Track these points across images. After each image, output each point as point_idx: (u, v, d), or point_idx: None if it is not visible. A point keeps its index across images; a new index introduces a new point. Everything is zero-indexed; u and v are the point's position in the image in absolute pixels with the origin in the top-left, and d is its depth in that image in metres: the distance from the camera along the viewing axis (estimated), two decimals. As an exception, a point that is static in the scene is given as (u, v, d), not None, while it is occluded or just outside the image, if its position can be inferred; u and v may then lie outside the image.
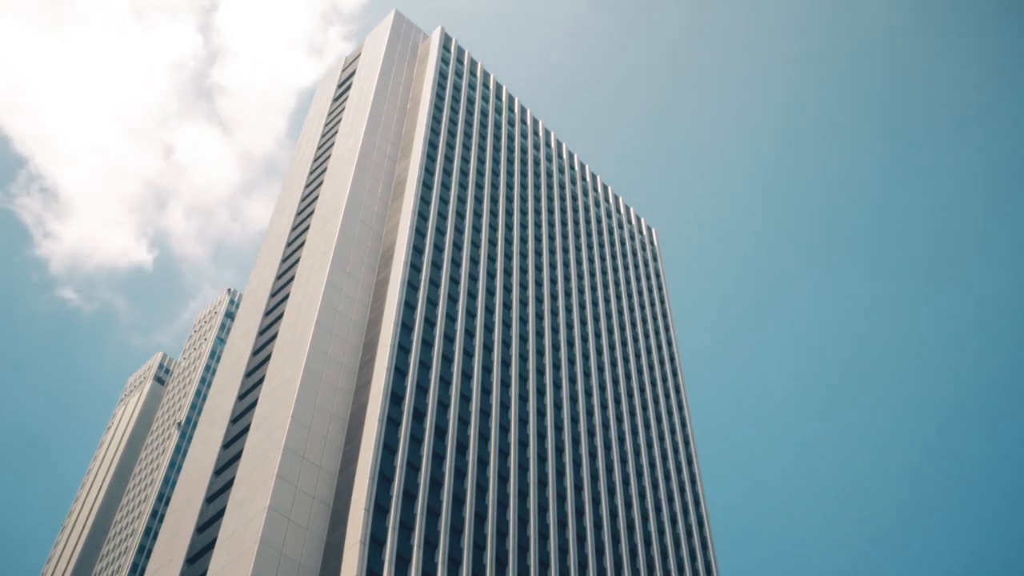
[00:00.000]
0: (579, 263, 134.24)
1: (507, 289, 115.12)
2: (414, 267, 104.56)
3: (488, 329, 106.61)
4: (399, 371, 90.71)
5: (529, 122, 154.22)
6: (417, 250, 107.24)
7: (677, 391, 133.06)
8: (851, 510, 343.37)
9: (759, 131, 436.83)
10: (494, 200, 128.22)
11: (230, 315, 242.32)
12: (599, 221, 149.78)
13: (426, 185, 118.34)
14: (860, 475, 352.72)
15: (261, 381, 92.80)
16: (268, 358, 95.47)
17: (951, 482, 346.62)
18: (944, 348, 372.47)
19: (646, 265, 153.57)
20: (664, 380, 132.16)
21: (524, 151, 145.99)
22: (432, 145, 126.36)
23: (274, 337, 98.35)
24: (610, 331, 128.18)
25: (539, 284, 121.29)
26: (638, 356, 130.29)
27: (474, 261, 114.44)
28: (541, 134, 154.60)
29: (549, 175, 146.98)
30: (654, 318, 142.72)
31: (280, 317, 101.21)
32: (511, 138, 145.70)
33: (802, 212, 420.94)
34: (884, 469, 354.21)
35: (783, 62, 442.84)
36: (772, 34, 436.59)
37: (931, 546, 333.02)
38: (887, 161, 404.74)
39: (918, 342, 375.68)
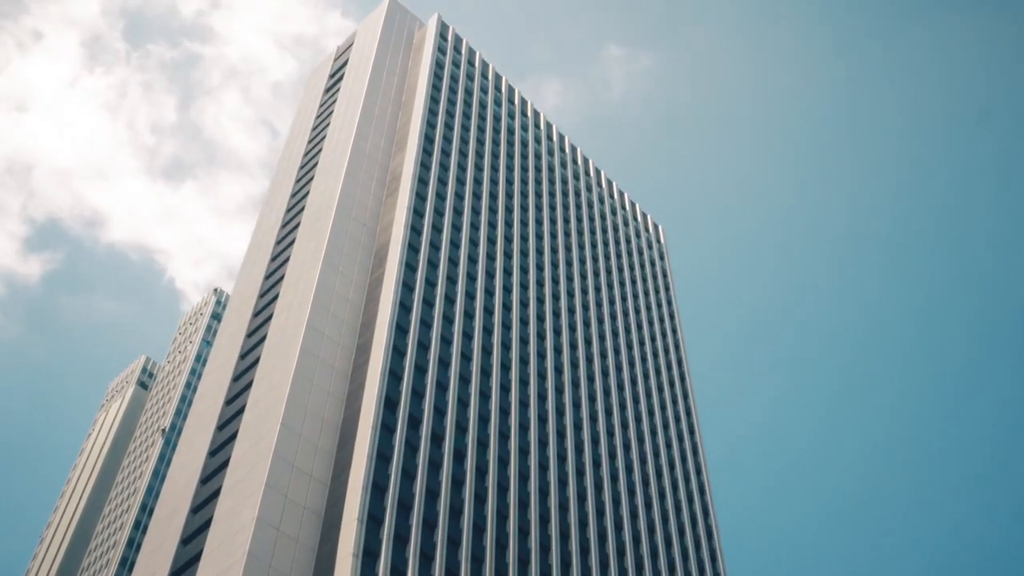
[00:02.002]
0: (582, 261, 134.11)
1: (507, 289, 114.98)
2: (409, 266, 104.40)
3: (487, 331, 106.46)
4: (394, 375, 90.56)
5: (530, 114, 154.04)
6: (413, 248, 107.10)
7: (685, 396, 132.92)
8: (860, 514, 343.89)
9: (769, 124, 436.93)
10: (493, 196, 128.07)
11: (216, 316, 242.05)
12: (603, 218, 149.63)
13: (422, 180, 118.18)
14: (868, 478, 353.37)
15: (249, 386, 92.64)
16: (256, 362, 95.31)
17: (959, 485, 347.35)
18: (956, 349, 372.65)
19: (652, 264, 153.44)
20: (671, 384, 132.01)
21: (525, 144, 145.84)
22: (428, 138, 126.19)
23: (263, 339, 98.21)
24: (615, 333, 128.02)
25: (540, 284, 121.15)
26: (644, 359, 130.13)
27: (472, 260, 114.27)
28: (543, 127, 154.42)
29: (551, 170, 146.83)
30: (661, 319, 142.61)
31: (269, 319, 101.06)
32: (511, 131, 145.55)
33: (813, 209, 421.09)
34: (892, 472, 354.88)
35: (795, 52, 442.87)
36: (782, 24, 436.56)
37: (938, 548, 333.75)
38: (906, 156, 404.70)
39: (930, 341, 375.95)
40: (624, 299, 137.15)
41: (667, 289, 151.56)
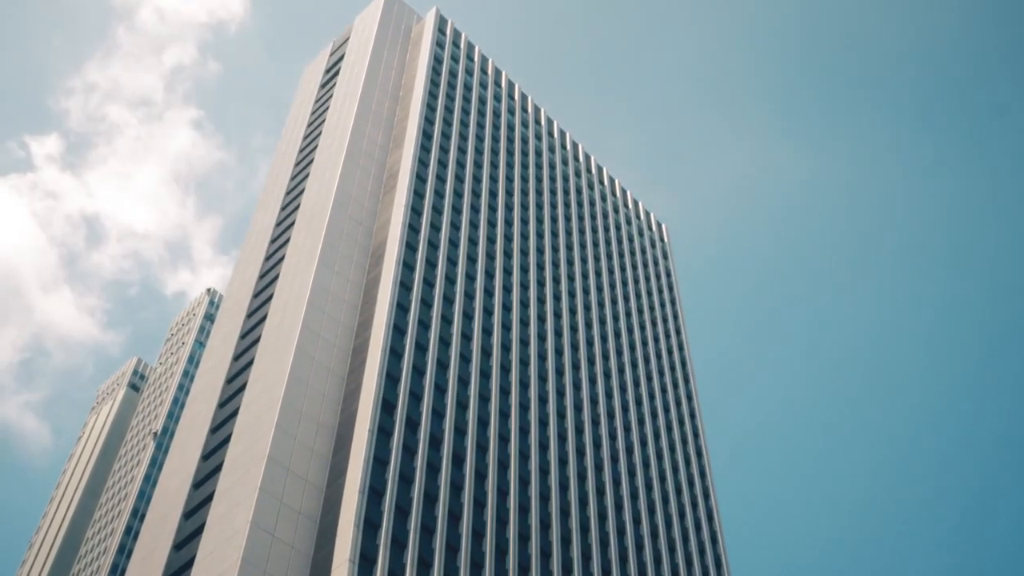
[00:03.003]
0: (584, 261, 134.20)
1: (507, 289, 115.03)
2: (407, 265, 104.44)
3: (486, 332, 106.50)
4: (391, 377, 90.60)
5: (531, 110, 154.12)
6: (410, 247, 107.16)
7: (689, 398, 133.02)
8: (866, 518, 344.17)
9: (775, 120, 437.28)
10: (492, 194, 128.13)
11: (210, 317, 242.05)
12: (605, 216, 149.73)
13: (420, 178, 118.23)
14: (874, 481, 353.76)
15: (243, 388, 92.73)
16: (250, 363, 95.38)
17: (971, 483, 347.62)
18: (966, 348, 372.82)
19: (655, 263, 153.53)
20: (675, 386, 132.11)
21: (525, 141, 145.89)
22: (426, 135, 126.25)
23: (257, 341, 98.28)
24: (617, 334, 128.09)
25: (541, 284, 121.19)
26: (647, 360, 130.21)
27: (471, 259, 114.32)
28: (543, 123, 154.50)
29: (552, 167, 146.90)
30: (664, 320, 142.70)
31: (263, 319, 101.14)
32: (511, 127, 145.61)
33: (821, 206, 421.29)
34: (898, 475, 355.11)
35: (802, 47, 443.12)
36: (791, 21, 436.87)
37: (948, 549, 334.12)
38: (919, 153, 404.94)
39: (935, 342, 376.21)
40: (626, 299, 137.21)
41: (670, 288, 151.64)
